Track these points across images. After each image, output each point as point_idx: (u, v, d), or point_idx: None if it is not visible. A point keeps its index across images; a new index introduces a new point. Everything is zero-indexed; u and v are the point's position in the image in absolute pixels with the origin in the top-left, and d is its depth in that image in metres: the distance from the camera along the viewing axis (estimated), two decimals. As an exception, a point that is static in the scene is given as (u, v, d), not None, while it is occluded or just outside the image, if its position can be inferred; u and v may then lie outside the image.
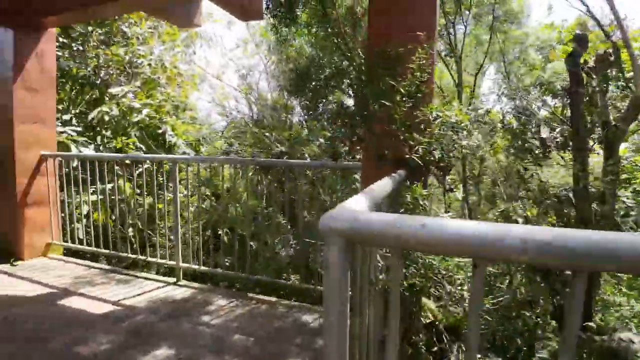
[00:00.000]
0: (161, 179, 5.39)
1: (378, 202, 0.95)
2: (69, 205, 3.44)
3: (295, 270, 3.35)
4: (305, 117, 6.93)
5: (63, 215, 3.49)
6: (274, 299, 2.78)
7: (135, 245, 3.46)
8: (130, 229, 3.58)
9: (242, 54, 8.03)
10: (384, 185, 1.13)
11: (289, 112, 7.53)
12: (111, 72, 5.97)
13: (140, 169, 3.60)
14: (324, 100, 5.47)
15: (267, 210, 3.82)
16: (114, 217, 3.42)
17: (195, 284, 2.95)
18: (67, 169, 3.42)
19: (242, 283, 3.16)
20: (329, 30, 5.65)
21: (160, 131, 5.98)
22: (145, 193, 3.61)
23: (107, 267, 3.27)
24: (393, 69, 1.55)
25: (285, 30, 5.83)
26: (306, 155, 5.16)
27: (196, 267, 2.99)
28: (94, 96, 5.46)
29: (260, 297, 2.79)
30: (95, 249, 3.35)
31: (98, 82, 5.54)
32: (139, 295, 2.69)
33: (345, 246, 0.66)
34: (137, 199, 3.59)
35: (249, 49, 8.54)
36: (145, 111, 5.47)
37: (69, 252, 3.61)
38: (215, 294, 2.81)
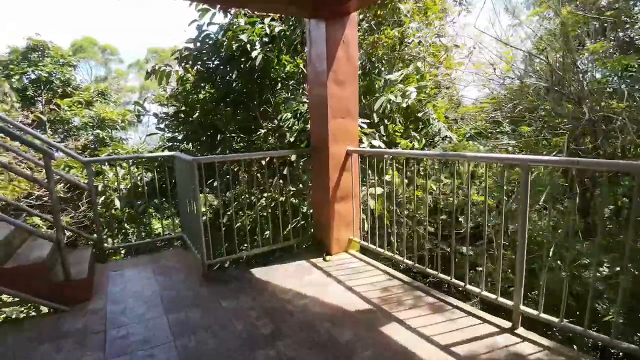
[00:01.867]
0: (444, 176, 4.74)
1: None
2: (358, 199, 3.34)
3: None
4: None
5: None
6: None
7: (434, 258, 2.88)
8: (422, 231, 3.04)
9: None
10: None
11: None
12: (384, 56, 5.77)
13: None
14: None
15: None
16: (398, 215, 2.97)
17: (544, 341, 1.97)
18: (363, 165, 3.32)
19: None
20: None
21: (419, 115, 5.36)
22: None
23: (406, 278, 2.83)
24: None
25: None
26: None
27: (549, 318, 1.99)
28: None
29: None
30: (391, 254, 2.99)
31: (368, 69, 5.44)
32: (468, 341, 1.99)
33: None
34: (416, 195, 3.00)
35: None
36: (413, 95, 4.89)
37: (362, 249, 3.50)
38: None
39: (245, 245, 4.60)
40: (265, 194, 4.36)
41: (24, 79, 8.69)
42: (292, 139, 4.28)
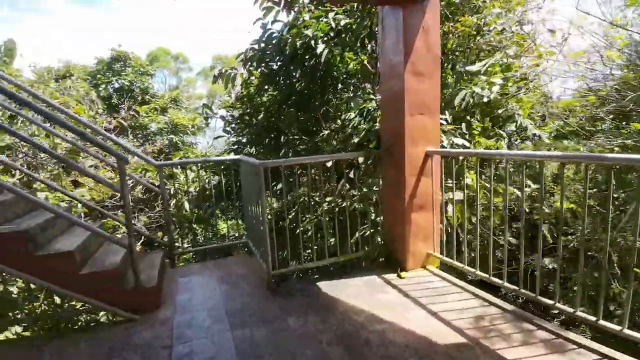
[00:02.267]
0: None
1: None
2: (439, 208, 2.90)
3: None
4: None
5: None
6: None
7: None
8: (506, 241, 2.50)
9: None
10: None
11: None
12: (458, 47, 5.18)
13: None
14: None
15: None
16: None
17: None
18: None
19: None
20: None
21: (500, 111, 4.67)
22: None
23: (506, 305, 2.34)
24: None
25: None
26: None
27: None
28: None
29: None
30: (484, 274, 2.52)
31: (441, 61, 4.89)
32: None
33: None
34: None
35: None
36: (496, 88, 4.25)
37: (441, 265, 3.06)
38: None
39: (309, 251, 4.41)
40: (328, 199, 4.12)
41: (109, 87, 9.60)
42: (356, 140, 3.97)
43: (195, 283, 3.00)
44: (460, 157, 2.92)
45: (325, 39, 4.15)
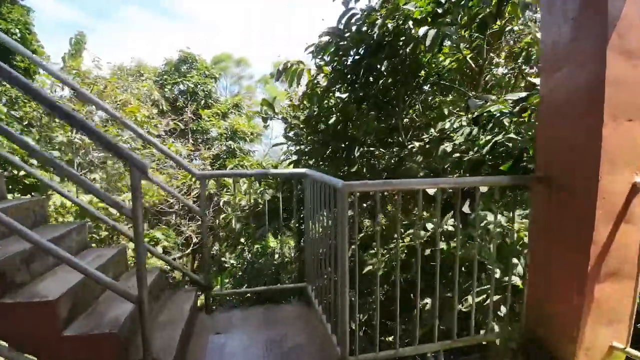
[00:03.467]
0: None
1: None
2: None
3: None
4: None
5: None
6: None
7: None
8: None
9: None
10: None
11: None
12: None
13: None
14: None
15: None
16: None
17: None
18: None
19: None
20: None
21: None
22: None
23: None
24: None
25: None
26: None
27: None
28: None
29: None
30: None
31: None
32: None
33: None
34: None
35: None
36: None
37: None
38: None
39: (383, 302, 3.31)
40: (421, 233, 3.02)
41: (174, 89, 9.50)
42: (459, 156, 2.86)
43: (232, 348, 2.08)
44: None
45: (428, 19, 3.12)
